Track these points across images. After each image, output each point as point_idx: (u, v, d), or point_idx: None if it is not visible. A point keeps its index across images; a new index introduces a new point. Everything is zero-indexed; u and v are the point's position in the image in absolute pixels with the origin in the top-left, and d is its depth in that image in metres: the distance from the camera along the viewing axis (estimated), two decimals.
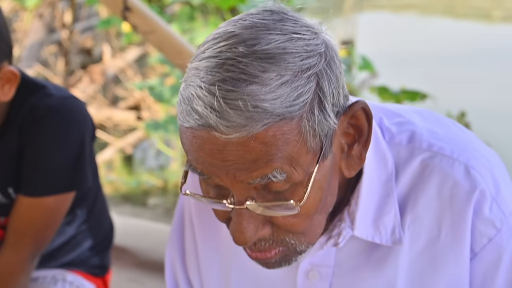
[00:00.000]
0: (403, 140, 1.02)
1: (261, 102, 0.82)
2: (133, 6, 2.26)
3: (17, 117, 1.55)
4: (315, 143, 0.87)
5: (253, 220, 0.89)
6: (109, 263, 1.89)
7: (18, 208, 1.60)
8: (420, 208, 1.00)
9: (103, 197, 1.85)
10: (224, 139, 0.83)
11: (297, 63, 0.85)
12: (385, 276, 1.03)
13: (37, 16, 4.96)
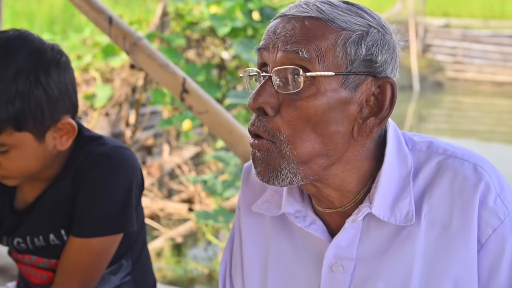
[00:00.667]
0: (422, 147, 1.20)
1: (323, 8, 1.12)
2: (190, 89, 2.44)
3: (73, 164, 1.64)
4: (342, 58, 1.10)
5: (268, 93, 1.11)
6: None
7: (67, 249, 1.66)
8: (435, 200, 1.15)
9: (148, 254, 1.88)
10: (286, 18, 1.13)
11: (362, 14, 1.14)
12: (403, 262, 1.14)
13: (103, 114, 5.28)
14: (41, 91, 1.53)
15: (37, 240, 1.68)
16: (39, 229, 1.68)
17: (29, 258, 1.72)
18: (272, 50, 1.12)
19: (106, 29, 2.56)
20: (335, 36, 1.10)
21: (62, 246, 1.68)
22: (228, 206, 4.46)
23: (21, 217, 1.70)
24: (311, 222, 1.21)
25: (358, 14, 1.14)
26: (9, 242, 1.73)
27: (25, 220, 1.69)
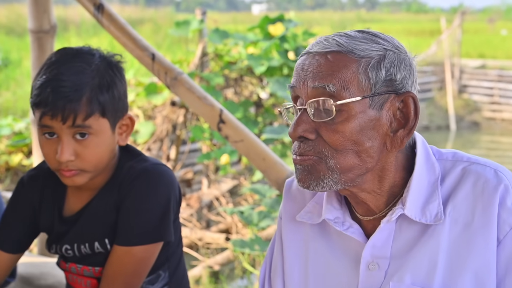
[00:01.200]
0: (448, 157, 1.36)
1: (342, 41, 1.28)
2: (227, 119, 2.61)
3: (118, 177, 1.79)
4: (365, 83, 1.25)
5: (305, 122, 1.27)
6: None
7: (111, 257, 1.78)
8: (459, 200, 1.29)
9: (185, 270, 2.02)
10: (311, 55, 1.29)
11: (376, 39, 1.29)
12: (428, 256, 1.28)
13: (145, 149, 5.49)
14: (120, 85, 1.74)
15: (83, 248, 1.81)
16: (85, 237, 1.81)
17: (75, 266, 1.86)
18: (303, 86, 1.28)
19: (149, 65, 2.77)
20: (356, 65, 1.25)
21: (105, 254, 1.81)
22: (264, 236, 4.59)
23: (69, 224, 1.83)
24: (349, 226, 1.36)
25: (373, 40, 1.29)
26: (57, 250, 1.86)
27: (72, 228, 1.82)
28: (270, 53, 5.77)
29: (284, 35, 5.66)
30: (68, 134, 1.68)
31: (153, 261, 1.83)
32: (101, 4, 2.85)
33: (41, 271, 2.75)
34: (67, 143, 1.68)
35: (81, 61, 1.70)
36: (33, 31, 3.00)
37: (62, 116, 1.65)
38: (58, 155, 1.68)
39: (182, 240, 1.99)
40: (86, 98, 1.66)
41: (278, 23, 5.73)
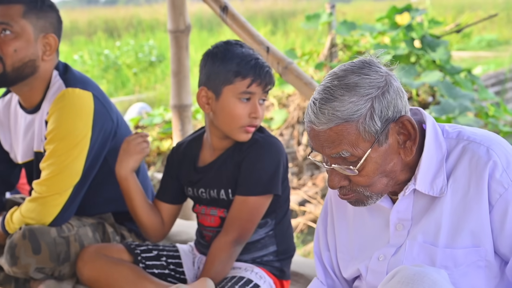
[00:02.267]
0: (453, 136, 1.65)
1: (335, 112, 1.53)
2: None
3: (241, 143, 2.35)
4: (368, 136, 1.55)
5: (337, 175, 1.63)
6: (289, 273, 2.49)
7: (233, 205, 2.32)
8: (458, 174, 1.61)
9: (290, 223, 2.51)
10: (317, 129, 1.57)
11: (361, 91, 1.54)
12: (435, 218, 1.63)
13: (278, 134, 5.99)
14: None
15: (212, 192, 2.40)
16: (214, 184, 2.40)
17: (205, 208, 2.46)
18: (323, 152, 1.59)
19: (264, 57, 3.24)
20: (356, 126, 1.54)
21: (227, 201, 2.37)
22: None
23: (201, 174, 2.43)
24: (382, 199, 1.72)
25: (357, 93, 1.53)
26: (194, 192, 2.47)
27: (204, 176, 2.42)
28: (398, 42, 6.03)
29: (410, 24, 5.90)
30: (260, 97, 2.30)
31: (263, 210, 2.33)
32: (225, 6, 3.37)
33: (179, 229, 3.32)
34: (260, 105, 2.30)
35: (242, 46, 2.36)
36: (171, 31, 3.58)
37: (267, 82, 2.29)
38: (255, 113, 2.28)
39: (289, 199, 2.49)
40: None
41: (405, 12, 5.98)
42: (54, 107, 2.53)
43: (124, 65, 11.15)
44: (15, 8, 2.51)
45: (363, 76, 1.55)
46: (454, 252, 1.60)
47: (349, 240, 1.83)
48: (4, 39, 2.50)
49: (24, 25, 2.52)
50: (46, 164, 2.54)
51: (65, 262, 2.54)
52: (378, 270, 1.72)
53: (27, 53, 2.54)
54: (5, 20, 2.50)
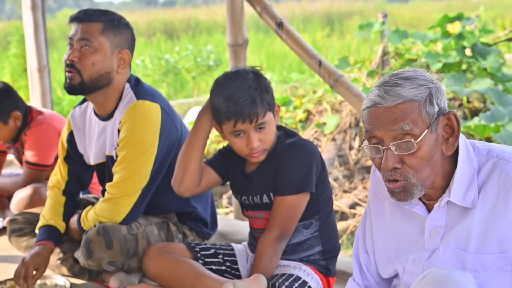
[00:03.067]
0: (484, 153, 1.84)
1: (401, 93, 1.74)
2: None
3: (277, 149, 2.56)
4: (427, 117, 1.74)
5: (392, 157, 1.76)
6: (335, 270, 2.69)
7: (273, 204, 2.54)
8: (488, 188, 1.79)
9: (334, 223, 2.71)
10: (382, 108, 1.75)
11: (419, 81, 1.76)
12: (466, 227, 1.82)
13: (331, 139, 6.19)
14: (269, 86, 2.53)
15: (256, 199, 2.62)
16: (256, 191, 2.62)
17: (253, 212, 2.67)
18: (382, 130, 1.74)
19: (316, 70, 3.48)
20: (418, 107, 1.73)
21: (270, 204, 2.57)
22: None
23: (248, 180, 2.65)
24: (414, 205, 1.91)
25: (417, 83, 1.75)
26: (240, 199, 2.70)
27: (250, 183, 2.64)
28: (449, 50, 6.16)
29: (461, 32, 6.03)
30: (253, 130, 2.48)
31: (301, 208, 2.54)
32: (281, 21, 3.61)
33: (234, 229, 3.59)
34: (253, 136, 2.49)
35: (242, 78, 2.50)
36: (230, 45, 3.84)
37: (249, 120, 2.46)
38: (249, 145, 2.49)
39: (332, 200, 2.69)
40: (259, 103, 2.46)
41: (456, 21, 6.10)
42: (126, 117, 2.82)
43: (183, 69, 11.52)
44: (95, 25, 2.82)
45: (417, 73, 1.79)
46: (482, 257, 1.77)
47: (386, 244, 2.03)
48: (84, 53, 2.82)
49: (102, 41, 2.82)
50: (118, 168, 2.83)
51: (133, 257, 2.82)
52: (413, 271, 1.92)
53: (103, 66, 2.84)
54: (86, 36, 2.82)
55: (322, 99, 6.70)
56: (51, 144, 3.78)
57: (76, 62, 2.82)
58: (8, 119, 3.79)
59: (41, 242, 2.96)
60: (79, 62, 2.82)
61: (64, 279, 2.96)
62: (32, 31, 5.61)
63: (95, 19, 2.84)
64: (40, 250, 2.92)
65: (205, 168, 2.71)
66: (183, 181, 2.66)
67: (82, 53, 2.82)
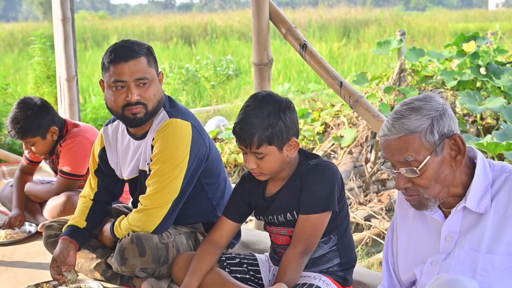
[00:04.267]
0: (498, 169, 2.09)
1: (404, 125, 2.00)
2: None
3: (299, 171, 2.71)
4: (428, 145, 2.00)
5: (402, 178, 2.07)
6: (351, 280, 2.85)
7: (297, 223, 2.69)
8: (500, 197, 2.04)
9: (351, 237, 2.87)
10: (389, 139, 2.04)
11: (424, 112, 2.01)
12: (479, 231, 2.04)
13: (348, 152, 6.37)
14: (282, 123, 2.65)
15: (280, 217, 2.78)
16: (280, 210, 2.77)
17: (276, 229, 2.83)
18: (392, 159, 2.05)
19: (338, 90, 3.67)
20: (419, 137, 2.00)
21: (294, 221, 2.72)
22: None
23: (270, 202, 2.80)
24: (435, 212, 2.17)
25: (421, 113, 2.00)
26: (264, 218, 2.85)
27: (272, 204, 2.79)
28: (464, 68, 6.33)
29: (476, 51, 6.20)
30: (251, 154, 2.67)
31: (324, 226, 2.69)
32: (305, 44, 3.81)
33: (256, 239, 3.76)
34: (251, 159, 2.68)
35: (260, 107, 2.64)
36: (255, 64, 4.04)
37: (244, 145, 2.65)
38: (247, 164, 2.70)
39: (349, 215, 2.86)
40: (257, 136, 2.61)
41: (472, 41, 6.27)
42: (159, 134, 3.02)
43: (202, 77, 11.75)
44: (142, 61, 2.99)
45: (426, 102, 2.04)
46: (493, 257, 1.99)
47: (407, 249, 2.26)
48: (144, 88, 2.99)
49: (152, 72, 3.02)
50: (151, 181, 3.03)
51: (164, 264, 3.01)
52: (430, 272, 2.14)
53: (160, 93, 3.06)
54: (141, 75, 2.98)
55: (339, 113, 6.88)
56: (85, 156, 3.99)
57: (140, 99, 3.00)
58: (46, 134, 4.01)
59: (62, 237, 3.21)
60: (143, 98, 3.00)
61: (97, 283, 3.16)
62: (62, 42, 5.85)
63: (139, 55, 2.98)
64: (59, 243, 3.18)
65: (224, 221, 2.93)
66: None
67: (142, 89, 3.00)
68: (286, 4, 44.22)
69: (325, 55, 15.13)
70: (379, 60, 14.08)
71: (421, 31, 21.87)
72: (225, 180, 3.34)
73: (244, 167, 6.71)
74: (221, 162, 3.34)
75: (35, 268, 3.52)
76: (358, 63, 14.83)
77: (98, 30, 23.49)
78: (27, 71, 11.40)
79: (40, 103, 4.01)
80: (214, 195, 3.25)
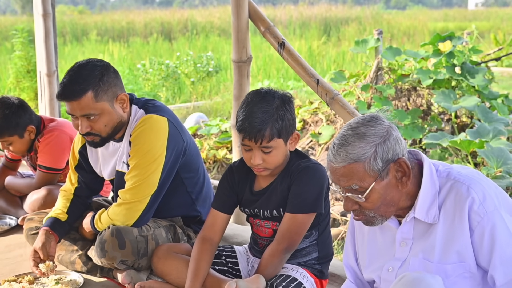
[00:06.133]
0: (444, 175, 2.12)
1: (348, 154, 2.02)
2: None
3: (290, 169, 2.74)
4: (372, 173, 2.02)
5: (350, 201, 2.10)
6: (327, 273, 2.94)
7: (283, 220, 2.73)
8: (447, 206, 2.07)
9: (330, 233, 2.94)
10: (334, 167, 2.05)
11: (368, 139, 2.02)
12: (430, 240, 2.10)
13: (325, 149, 6.44)
14: (290, 115, 2.70)
15: (266, 213, 2.83)
16: (267, 206, 2.82)
17: (260, 221, 2.89)
18: (339, 183, 2.06)
19: (314, 88, 3.76)
20: (363, 165, 2.01)
21: (279, 217, 2.78)
22: None
23: (256, 197, 2.85)
24: (389, 219, 2.17)
25: (365, 141, 2.01)
26: (250, 211, 2.89)
27: (259, 199, 2.84)
28: (440, 67, 6.45)
29: (452, 51, 6.32)
30: (258, 149, 2.69)
31: (308, 225, 2.76)
32: (283, 42, 3.89)
33: (234, 232, 3.84)
34: (257, 154, 2.69)
35: (266, 102, 2.67)
36: (234, 61, 4.11)
37: (254, 140, 2.66)
38: (252, 160, 2.71)
39: (330, 213, 2.93)
40: (269, 129, 2.64)
41: (448, 40, 6.39)
42: (137, 129, 3.09)
43: (182, 74, 11.78)
44: (86, 99, 2.97)
45: (370, 127, 2.05)
46: (445, 266, 2.05)
47: (364, 252, 2.33)
48: (93, 121, 3.02)
49: (101, 105, 3.01)
50: (130, 176, 3.09)
51: (143, 257, 3.08)
52: (388, 279, 2.21)
53: (114, 121, 3.09)
54: (85, 112, 2.99)
55: (317, 110, 6.97)
56: (63, 149, 4.03)
57: (90, 130, 3.04)
58: (24, 133, 4.04)
59: (43, 228, 3.27)
60: (93, 129, 3.05)
61: (78, 275, 3.22)
62: (43, 37, 5.87)
63: (83, 93, 2.95)
64: (40, 234, 3.24)
65: (216, 214, 2.91)
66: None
67: (91, 122, 3.03)
68: (267, 1, 44.19)
69: (305, 53, 15.21)
70: (358, 59, 14.21)
71: (401, 30, 22.04)
72: (204, 175, 3.41)
73: (223, 163, 6.78)
74: (200, 157, 3.40)
75: (16, 260, 3.55)
76: (337, 61, 14.93)
77: (77, 25, 23.35)
78: (7, 66, 11.37)
79: (18, 103, 4.03)
80: (193, 189, 3.32)
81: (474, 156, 5.47)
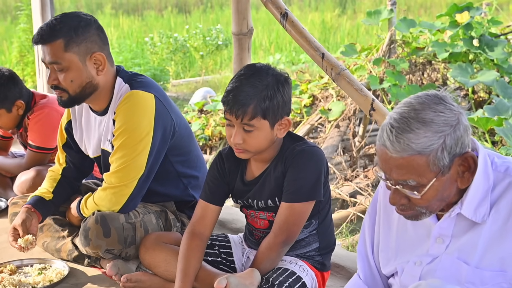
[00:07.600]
0: (502, 170, 1.81)
1: (411, 143, 1.68)
2: (377, 107, 3.21)
3: (284, 154, 2.51)
4: (435, 168, 1.70)
5: (399, 194, 1.79)
6: (329, 265, 2.71)
7: (279, 211, 2.50)
8: (501, 205, 1.79)
9: (331, 221, 2.71)
10: (389, 155, 1.72)
11: (436, 128, 1.69)
12: (472, 241, 1.82)
13: (335, 126, 6.20)
14: (280, 97, 2.44)
15: (260, 203, 2.60)
16: (261, 195, 2.59)
17: (254, 212, 2.65)
18: (390, 175, 1.75)
19: (319, 62, 3.48)
20: (426, 160, 1.69)
21: (275, 207, 2.55)
22: None
23: (249, 186, 2.62)
24: None
25: (431, 129, 1.67)
26: (243, 202, 2.66)
27: (252, 189, 2.61)
28: (456, 40, 6.14)
29: (470, 22, 6.00)
30: (240, 127, 2.44)
31: (307, 214, 2.53)
32: (286, 12, 3.61)
33: (233, 217, 3.63)
34: (238, 132, 2.44)
35: (258, 77, 2.43)
36: (235, 34, 3.85)
37: (235, 115, 2.41)
38: (232, 138, 2.47)
39: (330, 200, 2.69)
40: (252, 106, 2.39)
41: (465, 11, 6.07)
42: (121, 107, 2.85)
43: (192, 47, 11.51)
44: (56, 45, 2.78)
45: (438, 113, 1.70)
46: (482, 272, 1.78)
47: (391, 242, 2.04)
48: (60, 74, 2.82)
49: (69, 57, 2.80)
50: (115, 158, 2.87)
51: (131, 245, 2.87)
52: (412, 273, 1.94)
53: (82, 79, 2.85)
54: (53, 59, 2.80)
55: (327, 85, 6.70)
56: (54, 128, 3.80)
57: (57, 83, 2.85)
58: (12, 107, 3.84)
59: (25, 206, 3.09)
60: (60, 83, 2.85)
61: (63, 264, 3.02)
62: (39, 9, 5.64)
63: (53, 38, 2.78)
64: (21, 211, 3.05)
65: (206, 206, 2.66)
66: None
67: (59, 74, 2.84)
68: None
69: (318, 25, 14.86)
70: (373, 31, 13.84)
71: (418, 2, 21.60)
72: (198, 158, 3.17)
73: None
74: (193, 139, 3.16)
75: (2, 246, 3.36)
76: (351, 34, 14.59)
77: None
78: (12, 39, 11.16)
79: (8, 74, 3.84)
80: (185, 173, 3.08)
81: (492, 134, 5.19)
